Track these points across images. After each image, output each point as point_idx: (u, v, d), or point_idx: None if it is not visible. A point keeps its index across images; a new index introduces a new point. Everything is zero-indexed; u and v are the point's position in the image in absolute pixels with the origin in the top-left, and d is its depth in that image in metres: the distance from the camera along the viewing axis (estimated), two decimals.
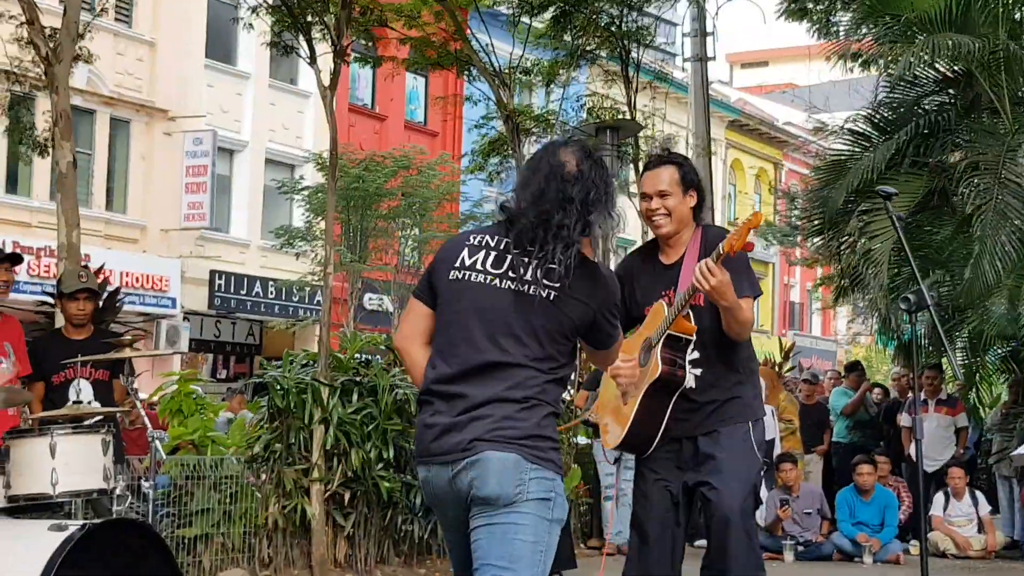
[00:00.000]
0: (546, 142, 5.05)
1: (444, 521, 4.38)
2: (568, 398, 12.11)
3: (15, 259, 7.33)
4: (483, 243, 4.22)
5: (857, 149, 14.57)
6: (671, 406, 5.27)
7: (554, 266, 4.04)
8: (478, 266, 4.18)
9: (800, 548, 12.09)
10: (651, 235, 5.72)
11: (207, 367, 26.30)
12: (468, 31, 14.65)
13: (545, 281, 4.07)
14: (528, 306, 4.09)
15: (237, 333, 28.96)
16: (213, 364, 27.35)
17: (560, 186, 4.09)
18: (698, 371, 5.33)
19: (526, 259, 4.08)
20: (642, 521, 5.50)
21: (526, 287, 4.08)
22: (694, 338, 5.26)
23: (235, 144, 27.82)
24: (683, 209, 5.38)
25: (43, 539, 4.95)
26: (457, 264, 4.20)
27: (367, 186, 24.23)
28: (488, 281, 4.16)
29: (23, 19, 9.54)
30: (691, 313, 5.23)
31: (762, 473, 6.02)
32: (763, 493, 11.11)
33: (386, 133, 29.49)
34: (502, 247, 4.16)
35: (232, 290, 27.29)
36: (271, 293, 28.01)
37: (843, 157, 14.75)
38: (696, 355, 5.32)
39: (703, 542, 5.91)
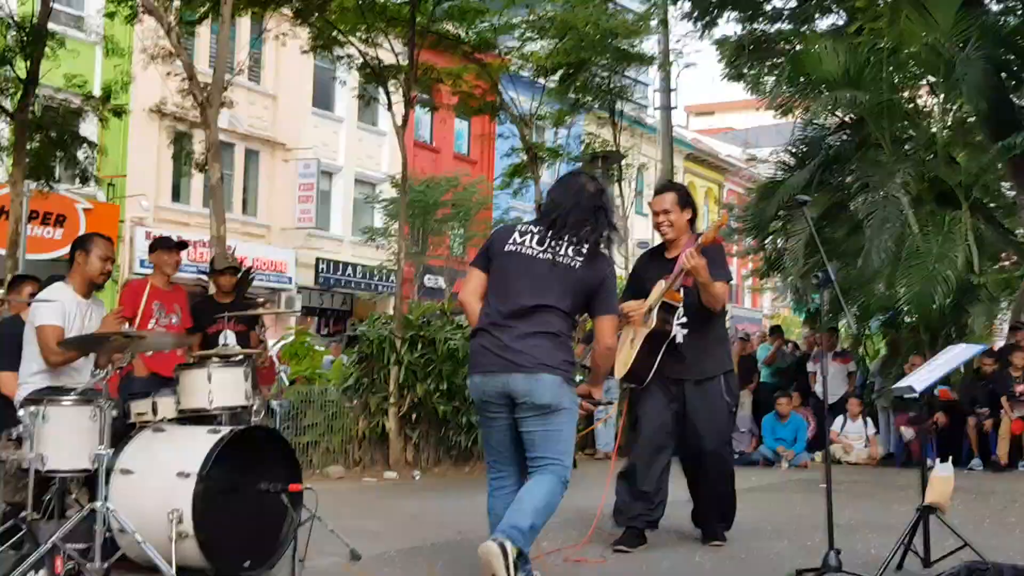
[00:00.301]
0: (572, 171, 5.52)
1: (487, 416, 4.61)
2: None
3: (182, 246, 7.37)
4: (528, 230, 4.63)
5: (781, 174, 14.58)
6: (662, 353, 5.59)
7: (582, 247, 4.50)
8: (526, 244, 4.58)
9: (736, 456, 12.14)
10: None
11: (313, 326, 26.35)
12: (500, 87, 14.57)
13: (574, 255, 4.50)
14: (560, 270, 4.49)
15: (334, 302, 28.97)
16: (318, 324, 27.36)
17: (590, 199, 4.59)
18: (685, 331, 5.65)
19: (563, 241, 4.52)
20: (643, 428, 5.84)
21: (561, 259, 4.50)
22: (680, 306, 5.57)
23: (333, 168, 27.76)
24: (681, 221, 5.77)
25: (203, 439, 4.98)
26: (510, 241, 4.61)
27: (427, 199, 24.35)
28: (534, 254, 4.55)
29: (186, 76, 9.62)
30: (682, 290, 5.52)
31: (732, 411, 6.15)
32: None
33: (440, 161, 29.40)
34: (541, 234, 4.57)
35: (331, 272, 27.32)
36: (359, 274, 28.04)
37: (772, 181, 14.79)
38: (684, 320, 5.64)
39: None
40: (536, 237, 4.58)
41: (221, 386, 5.39)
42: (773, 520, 7.10)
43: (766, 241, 15.49)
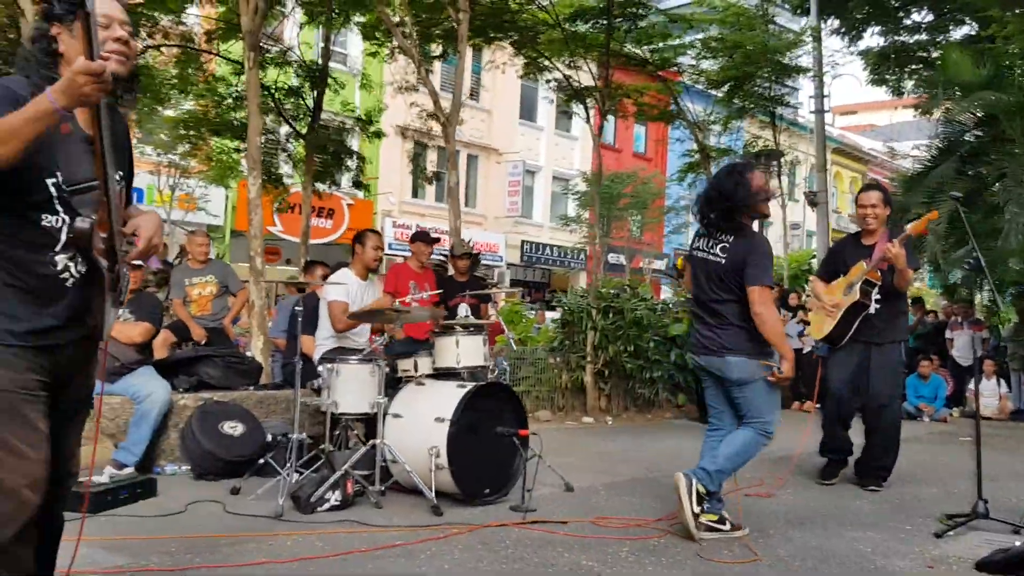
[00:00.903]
0: (719, 170, 4.98)
1: (704, 381, 4.67)
2: None
3: (435, 240, 7.52)
4: (701, 233, 4.60)
5: (924, 166, 13.76)
6: (858, 322, 5.73)
7: (725, 241, 4.44)
8: (700, 247, 4.58)
9: None
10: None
11: (519, 296, 26.79)
12: (677, 99, 14.30)
13: (720, 252, 4.43)
14: (716, 266, 4.45)
15: (536, 276, 29.28)
16: (523, 294, 27.82)
17: (720, 198, 4.40)
18: (878, 305, 5.71)
19: (712, 239, 4.48)
20: (832, 382, 5.95)
21: (714, 257, 4.46)
22: (878, 284, 5.66)
23: (535, 168, 27.98)
24: (883, 215, 5.83)
25: (454, 391, 5.14)
26: (693, 246, 4.65)
27: (611, 191, 24.14)
28: (702, 256, 4.54)
29: (430, 100, 9.86)
30: (879, 272, 5.63)
31: (904, 372, 6.66)
32: None
33: (622, 159, 29.12)
34: (705, 235, 4.55)
35: (533, 251, 27.63)
36: (555, 253, 28.22)
37: (916, 173, 13.99)
38: (878, 296, 5.69)
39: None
40: (704, 239, 4.55)
41: (466, 350, 5.56)
42: (920, 469, 6.79)
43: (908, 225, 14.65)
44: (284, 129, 12.17)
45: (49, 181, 2.25)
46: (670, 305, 11.60)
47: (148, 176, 17.31)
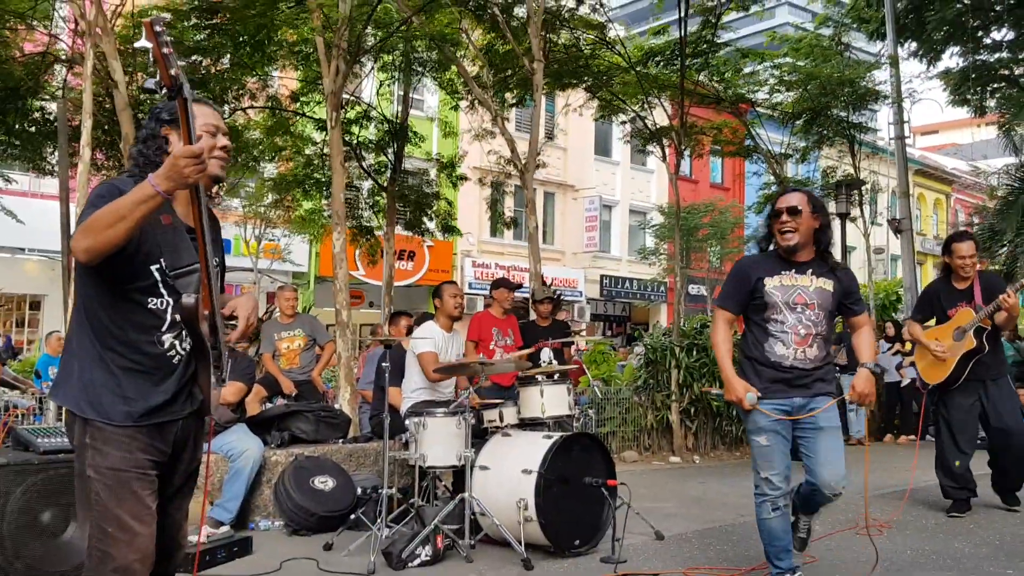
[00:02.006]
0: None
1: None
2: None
3: (518, 287, 7.47)
4: None
5: (1014, 187, 13.22)
6: (971, 364, 5.90)
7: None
8: None
9: None
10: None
11: (599, 331, 26.62)
12: (753, 132, 14.09)
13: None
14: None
15: (615, 310, 29.10)
16: (603, 328, 27.64)
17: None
18: (987, 345, 5.91)
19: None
20: (954, 420, 6.07)
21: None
22: (988, 328, 5.87)
23: (612, 202, 27.92)
24: (976, 263, 6.01)
25: (540, 443, 5.09)
26: None
27: (689, 222, 23.83)
28: None
29: (506, 147, 9.93)
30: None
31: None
32: None
33: (698, 191, 28.81)
34: None
35: (612, 285, 27.46)
36: (634, 286, 27.99)
37: (1007, 196, 13.45)
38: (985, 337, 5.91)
39: None
40: None
41: (551, 399, 5.54)
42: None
43: (1002, 249, 14.00)
44: (367, 183, 12.43)
45: (153, 268, 2.39)
46: None
47: (234, 227, 17.87)
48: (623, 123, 12.90)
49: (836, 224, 16.34)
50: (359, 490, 5.65)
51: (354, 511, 5.39)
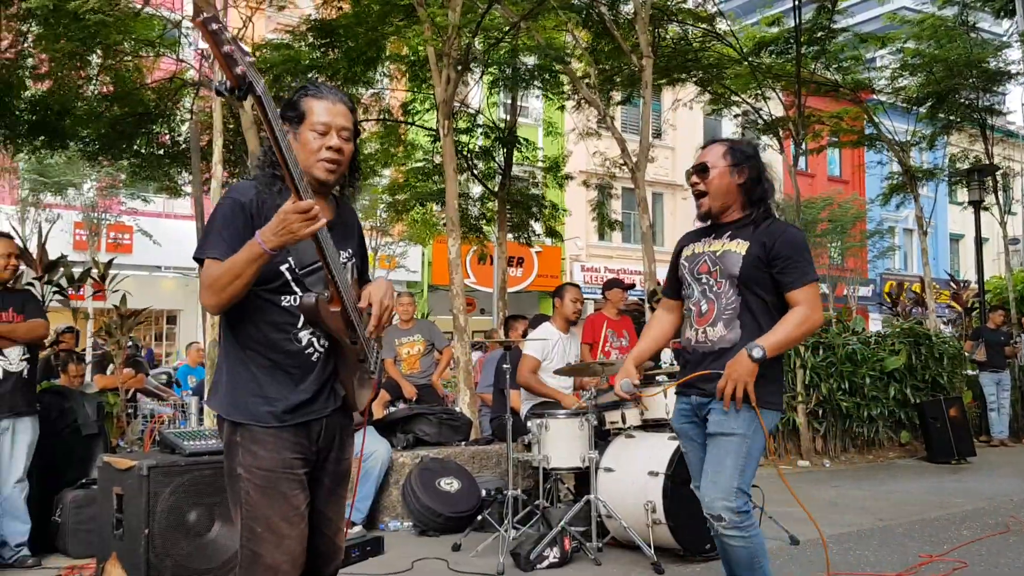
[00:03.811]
0: None
1: None
2: None
3: (630, 287, 7.45)
4: None
5: None
6: None
7: None
8: None
9: None
10: None
11: None
12: (875, 119, 13.55)
13: None
14: None
15: None
16: None
17: None
18: None
19: None
20: None
21: None
22: None
23: None
24: None
25: (666, 444, 5.02)
26: None
27: (806, 217, 23.11)
28: None
29: (618, 147, 9.85)
30: None
31: None
32: None
33: (815, 184, 27.93)
34: None
35: None
36: None
37: None
38: None
39: None
40: None
41: (674, 399, 5.44)
42: None
43: None
44: (476, 189, 12.58)
45: (283, 267, 2.40)
46: (884, 336, 10.88)
47: None
48: (736, 116, 12.61)
49: (968, 214, 15.49)
50: (484, 492, 5.70)
51: (480, 512, 5.44)
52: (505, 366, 5.33)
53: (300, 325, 2.42)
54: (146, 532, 4.04)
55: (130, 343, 8.21)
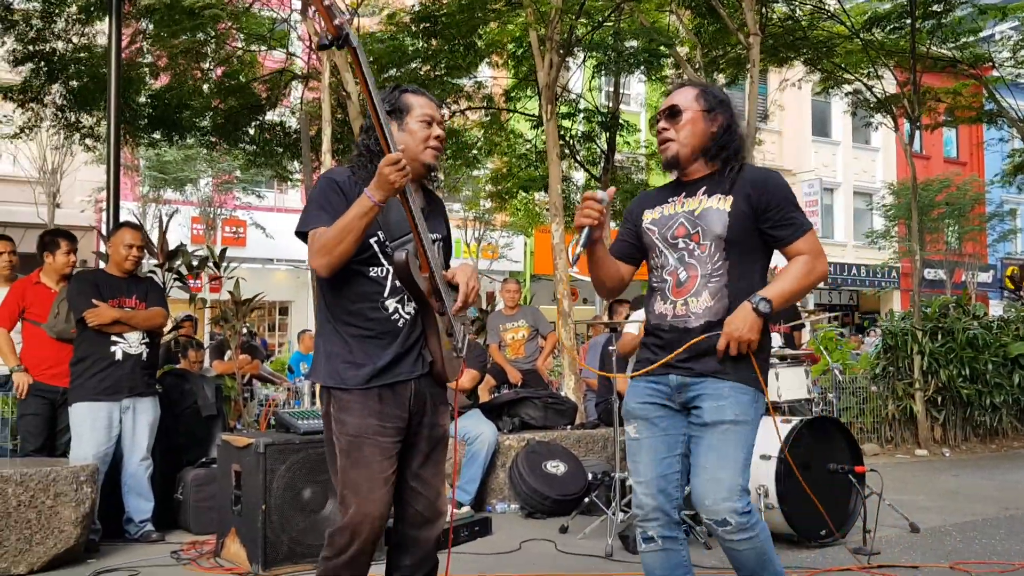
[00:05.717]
0: None
1: None
2: None
3: None
4: None
5: None
6: None
7: None
8: None
9: None
10: None
11: (824, 320, 25.34)
12: (997, 96, 12.79)
13: None
14: None
15: (841, 298, 27.56)
16: (829, 318, 26.28)
17: None
18: None
19: None
20: None
21: None
22: None
23: (833, 184, 26.49)
24: None
25: (780, 427, 4.85)
26: None
27: (922, 201, 21.99)
28: None
29: None
30: None
31: None
32: None
33: (931, 166, 26.67)
34: None
35: (837, 272, 25.92)
36: (862, 272, 26.37)
37: None
38: None
39: None
40: None
41: (787, 382, 5.30)
42: None
43: None
44: (578, 175, 12.49)
45: (372, 240, 2.55)
46: (1008, 321, 10.30)
47: (456, 231, 18.63)
48: (847, 95, 12.11)
49: None
50: (590, 475, 5.66)
51: (586, 495, 5.40)
52: (611, 348, 5.27)
53: (386, 295, 2.56)
54: (263, 508, 4.16)
55: (245, 330, 8.49)
